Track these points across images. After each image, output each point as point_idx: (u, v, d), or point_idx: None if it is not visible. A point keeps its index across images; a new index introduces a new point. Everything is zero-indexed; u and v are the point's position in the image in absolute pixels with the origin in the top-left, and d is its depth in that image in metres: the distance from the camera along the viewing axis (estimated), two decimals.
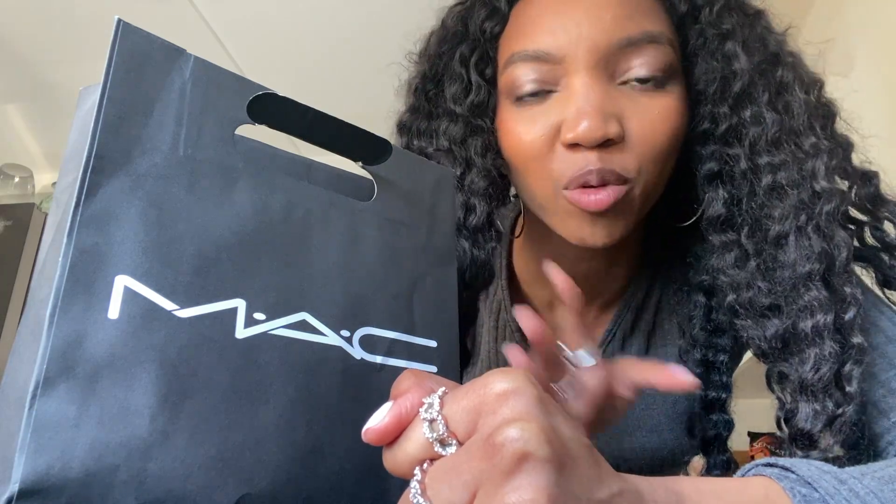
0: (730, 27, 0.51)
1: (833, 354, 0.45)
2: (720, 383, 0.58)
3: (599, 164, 0.47)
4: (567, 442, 0.24)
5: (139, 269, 0.27)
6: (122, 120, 0.28)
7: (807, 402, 0.45)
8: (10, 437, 0.24)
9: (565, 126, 0.48)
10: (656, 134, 0.49)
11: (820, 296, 0.45)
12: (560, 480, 0.23)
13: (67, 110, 1.93)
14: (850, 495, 0.31)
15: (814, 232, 0.46)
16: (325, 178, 0.38)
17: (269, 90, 0.33)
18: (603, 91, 0.48)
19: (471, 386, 0.26)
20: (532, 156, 0.51)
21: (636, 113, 0.48)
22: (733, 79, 0.50)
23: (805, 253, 0.46)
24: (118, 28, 0.29)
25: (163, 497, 0.25)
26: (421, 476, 0.25)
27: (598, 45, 0.48)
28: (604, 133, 0.46)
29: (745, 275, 0.49)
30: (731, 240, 0.50)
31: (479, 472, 0.23)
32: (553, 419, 0.25)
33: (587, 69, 0.48)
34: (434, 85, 0.59)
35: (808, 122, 0.49)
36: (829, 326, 0.45)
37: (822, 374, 0.44)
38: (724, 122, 0.50)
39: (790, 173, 0.48)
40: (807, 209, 0.47)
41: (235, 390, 0.28)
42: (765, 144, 0.49)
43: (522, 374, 0.25)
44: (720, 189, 0.51)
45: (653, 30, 0.49)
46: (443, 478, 0.24)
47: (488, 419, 0.24)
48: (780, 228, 0.47)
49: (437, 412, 0.25)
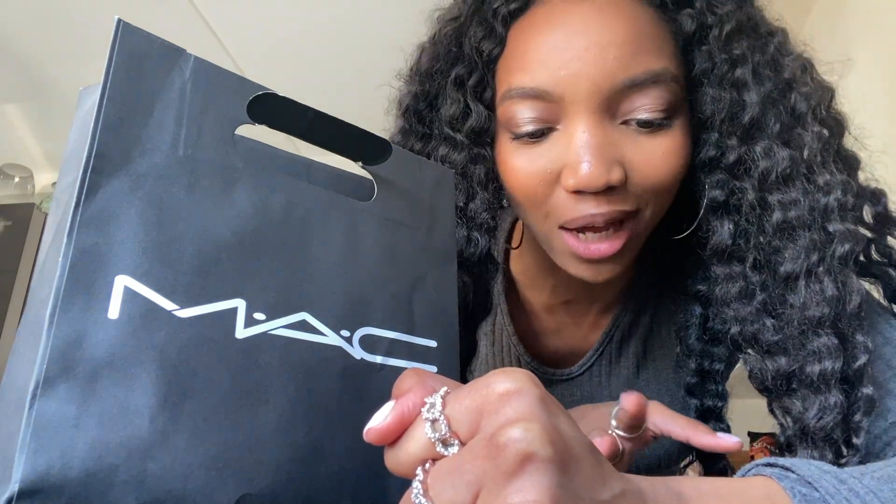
0: (740, 52, 0.48)
1: (838, 405, 0.43)
2: (716, 392, 0.58)
3: (605, 208, 0.46)
4: (570, 442, 0.24)
5: (139, 269, 0.27)
6: (122, 120, 0.28)
7: (806, 448, 0.44)
8: (10, 437, 0.24)
9: (567, 171, 0.46)
10: (659, 174, 0.47)
11: (829, 343, 0.44)
12: (563, 481, 0.23)
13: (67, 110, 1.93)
14: (850, 495, 0.31)
15: (825, 275, 0.45)
16: (325, 178, 0.38)
17: (269, 90, 0.33)
18: (604, 135, 0.46)
19: (473, 385, 0.26)
20: (531, 194, 0.49)
21: (638, 154, 0.47)
22: (742, 110, 0.47)
23: (816, 298, 0.44)
24: (118, 28, 0.29)
25: (163, 497, 0.25)
26: (423, 476, 0.25)
27: (600, 87, 0.45)
28: (607, 180, 0.45)
29: (750, 310, 0.47)
30: (735, 272, 0.49)
31: (482, 472, 0.23)
32: (556, 419, 0.25)
33: (588, 111, 0.46)
34: (427, 105, 0.56)
35: (822, 155, 0.46)
36: (836, 375, 0.44)
37: (824, 423, 0.43)
38: (731, 153, 0.48)
39: (801, 212, 0.45)
40: (819, 250, 0.45)
41: (235, 390, 0.28)
42: (775, 180, 0.46)
43: (525, 374, 0.25)
44: (726, 220, 0.49)
45: (657, 69, 0.46)
46: (445, 478, 0.24)
47: (491, 419, 0.24)
48: (790, 268, 0.45)
49: (440, 412, 0.25)
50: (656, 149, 0.47)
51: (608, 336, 0.63)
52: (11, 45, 1.73)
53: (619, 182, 0.46)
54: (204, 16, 1.63)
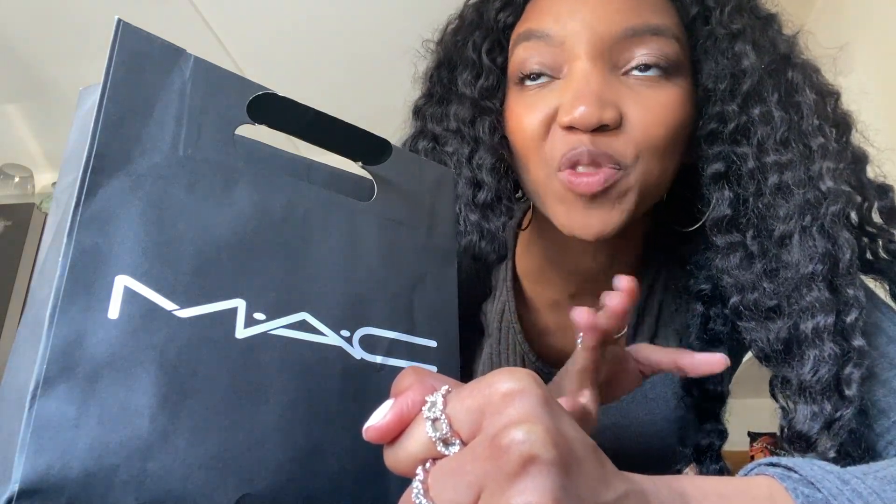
0: (740, 27, 0.51)
1: (832, 356, 0.44)
2: (714, 393, 0.58)
3: (592, 147, 0.48)
4: (572, 443, 0.24)
5: (139, 269, 0.27)
6: (122, 120, 0.28)
7: (805, 404, 0.45)
8: (10, 437, 0.24)
9: (562, 109, 0.49)
10: (655, 123, 0.49)
11: (822, 297, 0.45)
12: (566, 483, 0.23)
13: (67, 110, 1.92)
14: (853, 495, 0.31)
15: (818, 232, 0.46)
16: (325, 178, 0.38)
17: (269, 90, 0.33)
18: (602, 78, 0.48)
19: (475, 385, 0.25)
20: (530, 138, 0.52)
21: (635, 102, 0.48)
22: (743, 77, 0.50)
23: (808, 253, 0.46)
24: (118, 28, 0.29)
25: (163, 497, 0.25)
26: (424, 476, 0.25)
27: (599, 34, 0.48)
28: (599, 117, 0.47)
29: (750, 276, 0.49)
30: (736, 241, 0.50)
31: (484, 473, 0.23)
32: (558, 420, 0.24)
33: (588, 57, 0.48)
34: (448, 71, 0.60)
35: (818, 123, 0.48)
36: (829, 328, 0.45)
37: (820, 375, 0.44)
38: (732, 121, 0.50)
39: (797, 173, 0.47)
40: (812, 209, 0.46)
41: (235, 390, 0.28)
42: (773, 143, 0.48)
43: (527, 374, 0.25)
44: (726, 189, 0.50)
45: (657, 23, 0.49)
46: (446, 478, 0.24)
47: (493, 419, 0.24)
48: (784, 228, 0.47)
49: (441, 411, 0.25)
50: (653, 99, 0.49)
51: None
52: (11, 45, 1.73)
53: (612, 121, 0.47)
54: (204, 16, 1.62)
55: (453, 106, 0.58)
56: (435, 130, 0.58)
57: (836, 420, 0.44)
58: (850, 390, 0.44)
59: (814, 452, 0.45)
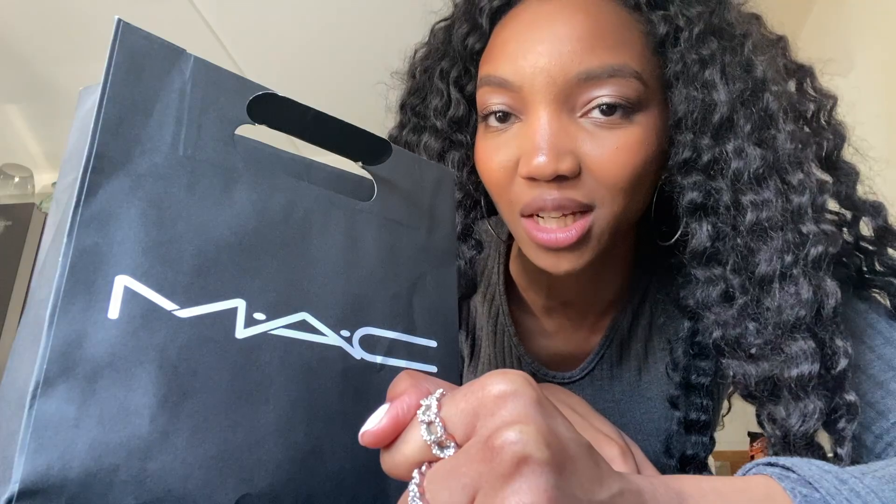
0: (709, 53, 0.49)
1: (817, 411, 0.43)
2: (700, 406, 0.58)
3: (555, 194, 0.47)
4: (566, 443, 0.24)
5: (139, 269, 0.27)
6: (122, 120, 0.28)
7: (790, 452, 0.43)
8: (10, 437, 0.24)
9: (522, 160, 0.49)
10: (616, 167, 0.47)
11: (805, 347, 0.43)
12: (560, 482, 0.23)
13: (67, 110, 1.92)
14: (851, 495, 0.31)
15: (800, 277, 0.44)
16: (325, 178, 0.38)
17: (269, 90, 0.33)
18: (559, 126, 0.47)
19: (469, 387, 0.26)
20: (495, 182, 0.52)
21: (594, 148, 0.47)
22: (713, 109, 0.47)
23: (790, 301, 0.44)
24: (118, 28, 0.29)
25: (163, 497, 0.25)
26: (419, 479, 0.25)
27: (554, 79, 0.47)
28: (554, 169, 0.46)
29: (731, 312, 0.47)
30: (716, 275, 0.48)
31: (479, 475, 0.23)
32: (551, 420, 0.25)
33: (545, 102, 0.48)
34: (420, 100, 0.60)
35: (796, 155, 0.46)
36: (814, 380, 0.43)
37: (805, 429, 0.43)
38: (706, 154, 0.48)
39: (774, 213, 0.45)
40: (793, 252, 0.44)
41: (235, 390, 0.28)
42: (748, 180, 0.46)
43: (521, 376, 0.25)
44: (704, 221, 0.48)
45: (614, 63, 0.47)
46: (442, 481, 0.24)
47: (487, 421, 0.24)
48: (764, 270, 0.45)
49: (435, 414, 0.25)
50: (612, 143, 0.47)
51: (608, 340, 0.63)
52: (11, 45, 1.73)
53: (570, 171, 0.47)
54: (204, 16, 1.62)
55: (424, 136, 0.58)
56: None
57: None
58: (842, 448, 0.43)
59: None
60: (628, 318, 0.63)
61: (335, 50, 1.72)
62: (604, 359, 0.64)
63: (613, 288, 0.63)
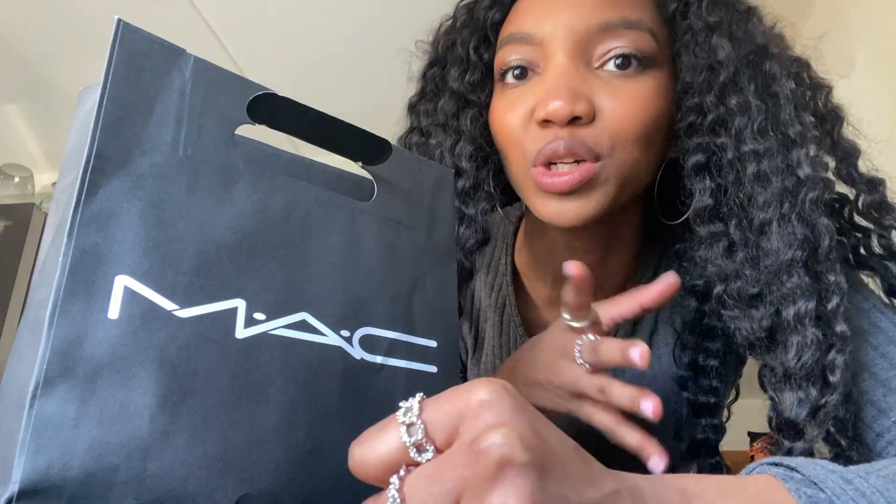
0: (717, 19, 0.52)
1: (815, 342, 0.45)
2: (709, 387, 0.58)
3: (569, 139, 0.49)
4: (551, 446, 0.24)
5: (139, 269, 0.27)
6: (122, 120, 0.28)
7: (791, 391, 0.45)
8: (10, 437, 0.24)
9: (538, 106, 0.50)
10: (629, 114, 0.50)
11: (802, 283, 0.45)
12: (545, 485, 0.23)
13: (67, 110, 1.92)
14: (856, 495, 0.30)
15: (797, 219, 0.46)
16: (325, 178, 0.38)
17: (269, 90, 0.33)
18: (576, 72, 0.50)
19: (452, 392, 0.25)
20: (509, 136, 0.53)
21: (609, 94, 0.50)
22: (719, 68, 0.51)
23: (787, 240, 0.46)
24: (118, 28, 0.29)
25: (163, 497, 0.25)
26: (399, 484, 0.24)
27: (575, 29, 0.50)
28: (571, 110, 0.48)
29: (732, 265, 0.49)
30: (719, 230, 0.51)
31: (463, 479, 0.23)
32: (535, 424, 0.24)
33: (564, 52, 0.50)
34: (440, 69, 0.62)
35: (795, 111, 0.49)
36: (811, 314, 0.45)
37: (804, 361, 0.45)
38: (711, 113, 0.51)
39: (774, 161, 0.48)
40: (790, 197, 0.47)
41: (235, 390, 0.28)
42: (750, 133, 0.49)
43: (502, 384, 0.25)
44: (707, 180, 0.51)
45: (631, 16, 0.51)
46: (424, 486, 0.23)
47: (470, 424, 0.24)
48: (763, 216, 0.47)
49: (417, 416, 0.25)
50: (626, 91, 0.50)
51: (612, 332, 0.63)
52: (11, 45, 1.73)
53: (585, 114, 0.49)
54: (204, 16, 1.62)
55: (442, 100, 0.60)
56: (425, 125, 0.61)
57: (821, 406, 0.45)
58: (833, 376, 0.45)
59: (802, 441, 0.45)
60: None
61: (335, 49, 1.72)
62: None
63: (619, 276, 0.63)
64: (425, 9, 0.61)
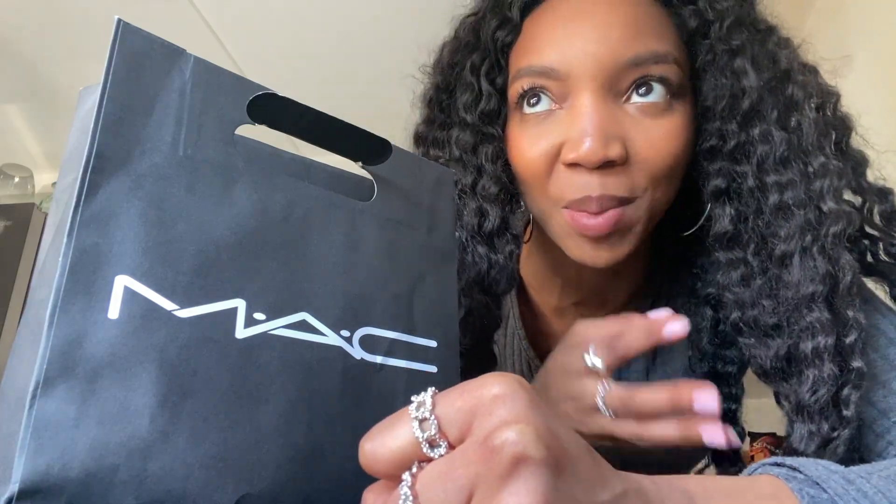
0: (739, 43, 0.50)
1: (832, 377, 0.44)
2: (729, 395, 0.58)
3: (600, 191, 0.47)
4: (565, 444, 0.24)
5: (139, 269, 0.27)
6: (122, 120, 0.28)
7: (802, 423, 0.45)
8: (10, 437, 0.24)
9: (567, 146, 0.48)
10: (661, 155, 0.48)
11: (822, 317, 0.45)
12: (558, 483, 0.23)
13: (67, 110, 1.92)
14: (858, 495, 0.31)
15: (819, 253, 0.46)
16: (325, 178, 0.38)
17: (269, 90, 0.33)
18: (607, 111, 0.48)
19: (465, 387, 0.25)
20: (533, 172, 0.51)
21: (640, 134, 0.48)
22: (742, 96, 0.49)
23: (809, 274, 0.45)
24: (118, 28, 0.29)
25: (163, 497, 0.25)
26: (411, 481, 0.24)
27: (603, 64, 0.47)
28: (604, 155, 0.46)
29: (750, 293, 0.48)
30: (737, 257, 0.50)
31: (476, 475, 0.22)
32: (550, 422, 0.24)
33: (592, 88, 0.48)
34: (447, 95, 0.59)
35: (818, 141, 0.48)
36: (829, 349, 0.44)
37: (819, 395, 0.44)
38: (732, 140, 0.49)
39: (797, 193, 0.47)
40: (813, 230, 0.46)
41: (235, 390, 0.28)
42: (773, 163, 0.48)
43: (516, 379, 0.25)
44: (727, 206, 0.50)
45: (659, 49, 0.49)
46: (436, 482, 0.23)
47: (484, 421, 0.24)
48: (785, 248, 0.47)
49: (430, 411, 0.25)
50: (658, 129, 0.48)
51: None
52: (11, 45, 1.73)
53: (618, 157, 0.47)
54: (204, 16, 1.62)
55: (455, 132, 0.57)
56: (437, 157, 0.58)
57: (832, 439, 0.44)
58: (847, 411, 0.44)
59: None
60: None
61: (335, 49, 1.72)
62: None
63: (628, 286, 0.63)
64: (426, 9, 0.61)
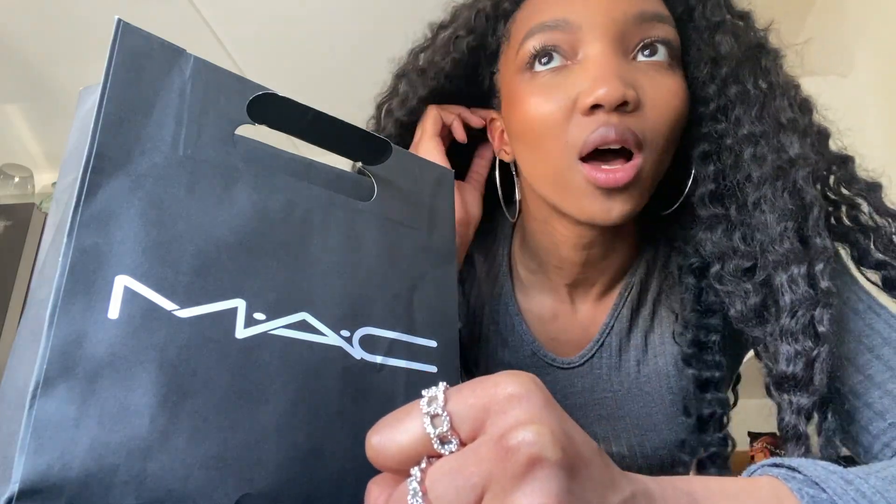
0: (720, 19, 0.55)
1: (808, 297, 0.46)
2: (713, 362, 0.59)
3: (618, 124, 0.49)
4: (579, 446, 0.24)
5: (139, 269, 0.27)
6: (122, 120, 0.28)
7: (787, 343, 0.47)
8: (10, 437, 0.24)
9: (584, 93, 0.49)
10: (668, 108, 0.51)
11: (794, 248, 0.47)
12: (572, 486, 0.22)
13: (67, 110, 1.92)
14: (857, 495, 0.31)
15: (789, 194, 0.49)
16: (325, 178, 0.38)
17: (269, 90, 0.33)
18: (619, 62, 0.50)
19: (478, 384, 0.25)
20: (548, 126, 0.51)
21: (649, 85, 0.50)
22: (722, 62, 0.53)
23: (780, 214, 0.48)
24: (118, 28, 0.29)
25: (163, 497, 0.25)
26: (421, 477, 0.24)
27: (614, 16, 0.50)
28: (623, 94, 0.48)
29: (729, 243, 0.51)
30: (719, 213, 0.53)
31: (489, 474, 0.22)
32: (564, 423, 0.24)
33: (604, 40, 0.50)
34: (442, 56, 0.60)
35: (787, 102, 0.52)
36: (803, 276, 0.47)
37: (798, 317, 0.46)
38: (713, 102, 0.53)
39: (770, 142, 0.50)
40: (783, 174, 0.49)
41: (235, 390, 0.28)
42: (748, 118, 0.52)
43: (530, 378, 0.25)
44: (710, 165, 0.54)
45: (662, 11, 0.53)
46: (447, 479, 0.23)
47: (498, 419, 0.23)
48: (758, 194, 0.50)
49: (442, 407, 0.24)
50: (663, 84, 0.51)
51: (608, 328, 0.64)
52: (11, 45, 1.73)
53: (634, 101, 0.49)
54: (204, 16, 1.62)
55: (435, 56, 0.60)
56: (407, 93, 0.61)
57: (815, 358, 0.46)
58: (822, 327, 0.46)
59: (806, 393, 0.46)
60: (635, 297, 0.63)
61: (336, 50, 1.72)
62: (603, 347, 0.64)
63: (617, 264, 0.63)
64: (426, 9, 0.61)
